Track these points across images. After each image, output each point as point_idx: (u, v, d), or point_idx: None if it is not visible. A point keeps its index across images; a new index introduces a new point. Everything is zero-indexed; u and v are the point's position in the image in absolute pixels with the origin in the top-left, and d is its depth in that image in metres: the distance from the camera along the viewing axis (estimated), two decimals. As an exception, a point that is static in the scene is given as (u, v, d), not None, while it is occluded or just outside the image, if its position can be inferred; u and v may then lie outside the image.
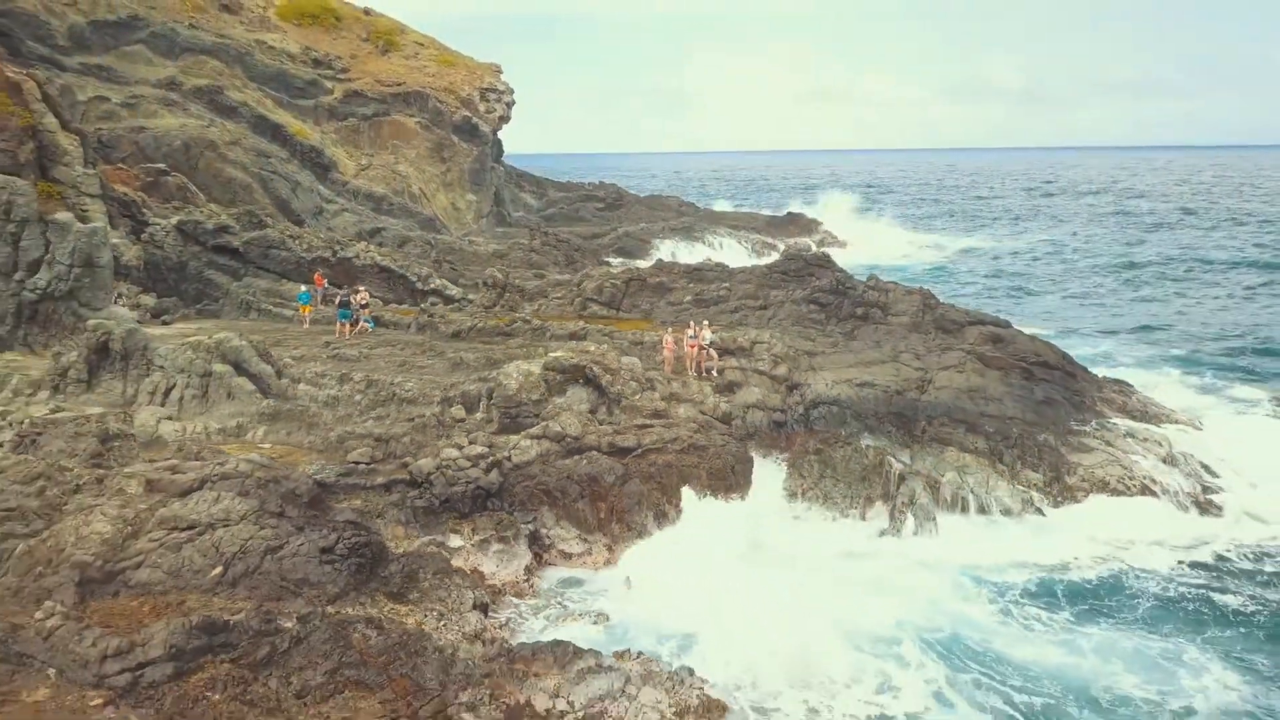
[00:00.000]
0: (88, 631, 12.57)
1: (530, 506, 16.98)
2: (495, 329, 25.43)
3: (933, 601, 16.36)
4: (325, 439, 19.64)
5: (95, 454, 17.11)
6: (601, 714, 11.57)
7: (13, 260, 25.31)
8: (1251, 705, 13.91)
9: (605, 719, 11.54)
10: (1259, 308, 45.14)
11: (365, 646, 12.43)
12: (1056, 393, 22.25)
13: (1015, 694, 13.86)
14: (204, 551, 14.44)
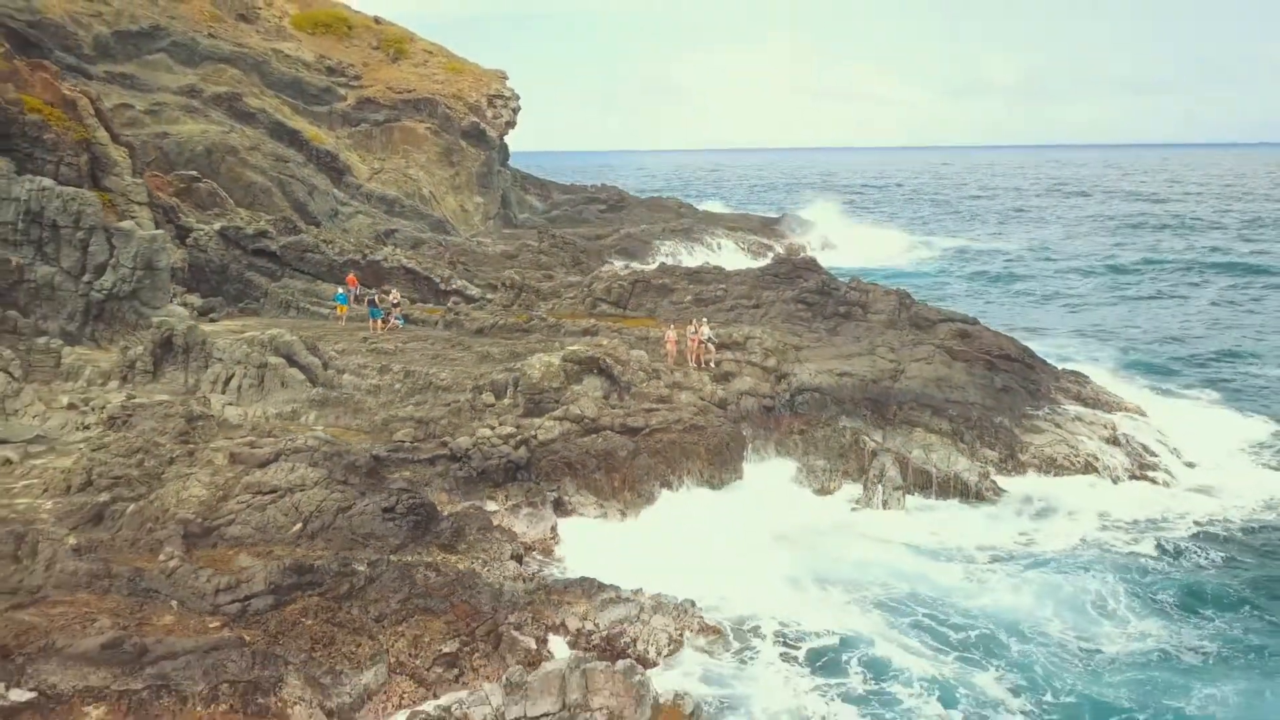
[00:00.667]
0: (201, 571, 15.43)
1: (554, 477, 19.83)
2: (515, 326, 28.30)
3: (897, 560, 19.22)
4: (371, 422, 22.48)
5: (183, 432, 19.93)
6: (621, 634, 14.43)
7: (81, 264, 28.12)
8: (1157, 643, 16.70)
9: (624, 638, 14.39)
10: (1222, 312, 47.84)
11: (428, 583, 15.30)
12: (1014, 382, 25.13)
13: (953, 632, 16.69)
14: (285, 511, 17.29)
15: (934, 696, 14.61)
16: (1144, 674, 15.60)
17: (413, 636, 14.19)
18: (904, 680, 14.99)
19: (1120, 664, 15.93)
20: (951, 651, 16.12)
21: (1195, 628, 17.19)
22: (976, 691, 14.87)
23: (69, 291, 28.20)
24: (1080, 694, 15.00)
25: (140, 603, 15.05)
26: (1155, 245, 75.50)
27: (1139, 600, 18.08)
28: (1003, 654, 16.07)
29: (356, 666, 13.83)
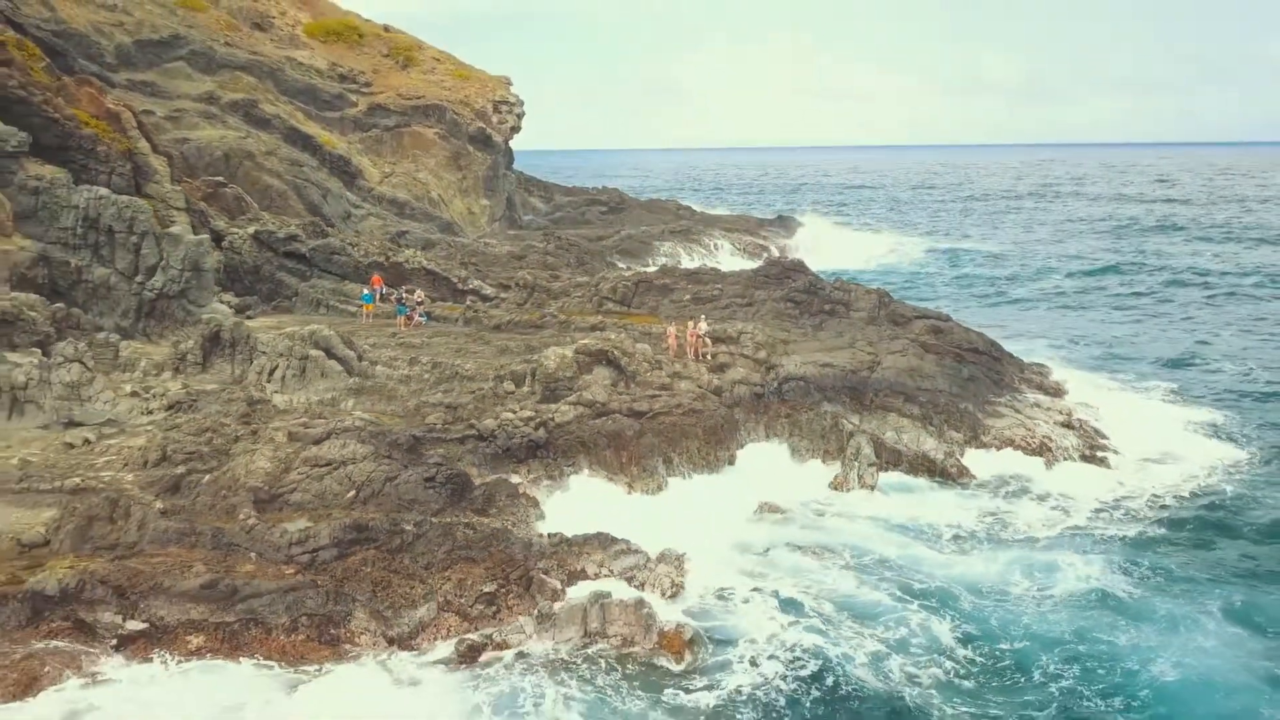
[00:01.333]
0: (276, 528, 18.20)
1: (570, 454, 22.59)
2: (529, 322, 31.09)
3: (871, 528, 21.99)
4: (404, 407, 25.21)
5: (244, 414, 22.71)
6: (631, 578, 17.21)
7: (134, 265, 30.84)
8: (1100, 589, 19.44)
9: (634, 582, 17.16)
10: (1186, 314, 50.26)
11: (467, 538, 18.07)
12: (980, 372, 27.92)
13: (916, 584, 19.44)
14: (340, 481, 20.05)
15: (899, 631, 17.37)
16: (1084, 617, 18.32)
17: (457, 580, 16.97)
18: (873, 620, 17.76)
19: (1064, 609, 18.63)
20: (914, 600, 18.84)
21: (1131, 580, 19.91)
22: (933, 630, 17.60)
23: (123, 291, 30.95)
24: (1028, 630, 17.71)
25: (224, 554, 17.82)
26: (1137, 248, 78.27)
27: (1081, 558, 20.81)
28: (959, 605, 18.73)
29: (411, 604, 16.63)
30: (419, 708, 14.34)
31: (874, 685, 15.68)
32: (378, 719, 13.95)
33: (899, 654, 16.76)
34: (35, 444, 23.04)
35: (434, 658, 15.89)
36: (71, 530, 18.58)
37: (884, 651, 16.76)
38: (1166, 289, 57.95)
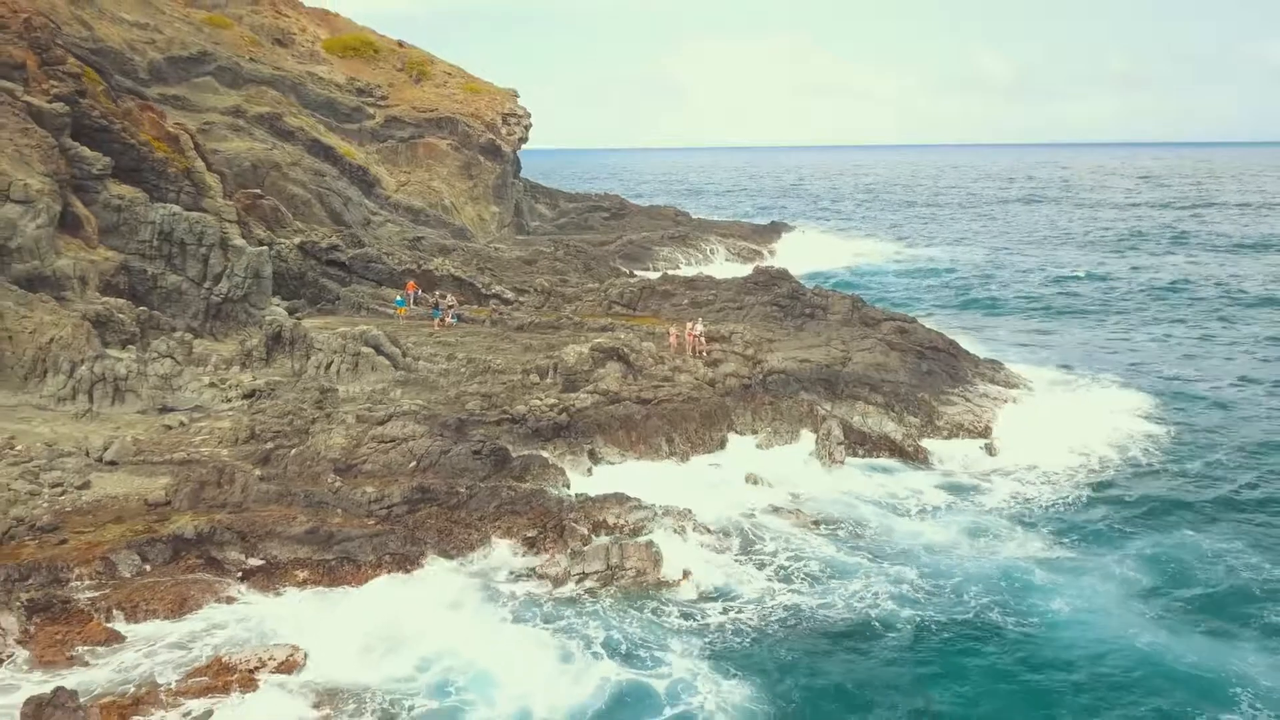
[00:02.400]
0: (356, 490, 22.68)
1: (588, 435, 27.07)
2: (548, 323, 35.57)
3: (841, 498, 26.45)
4: (446, 396, 29.68)
5: (317, 401, 27.18)
6: (642, 528, 21.69)
7: (203, 273, 35.28)
8: (1028, 546, 23.86)
9: (644, 530, 21.63)
10: (1152, 325, 53.99)
11: (511, 497, 22.57)
12: (938, 367, 32.44)
13: (888, 547, 23.89)
14: (403, 454, 24.53)
15: (868, 579, 21.77)
16: (1011, 566, 22.71)
17: (505, 527, 21.49)
18: (842, 569, 22.20)
19: (998, 562, 22.96)
20: (884, 560, 23.16)
21: (1053, 538, 24.27)
22: (900, 579, 21.94)
23: (193, 295, 35.36)
24: (968, 577, 22.05)
25: (316, 511, 22.29)
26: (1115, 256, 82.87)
27: (1018, 523, 25.26)
28: (919, 561, 22.99)
29: (470, 546, 21.12)
30: (488, 616, 18.89)
31: (842, 614, 20.08)
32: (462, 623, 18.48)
33: (864, 590, 21.12)
34: (139, 426, 27.50)
35: (492, 586, 20.34)
36: (187, 492, 23.04)
37: (854, 590, 21.14)
38: (1139, 296, 61.92)
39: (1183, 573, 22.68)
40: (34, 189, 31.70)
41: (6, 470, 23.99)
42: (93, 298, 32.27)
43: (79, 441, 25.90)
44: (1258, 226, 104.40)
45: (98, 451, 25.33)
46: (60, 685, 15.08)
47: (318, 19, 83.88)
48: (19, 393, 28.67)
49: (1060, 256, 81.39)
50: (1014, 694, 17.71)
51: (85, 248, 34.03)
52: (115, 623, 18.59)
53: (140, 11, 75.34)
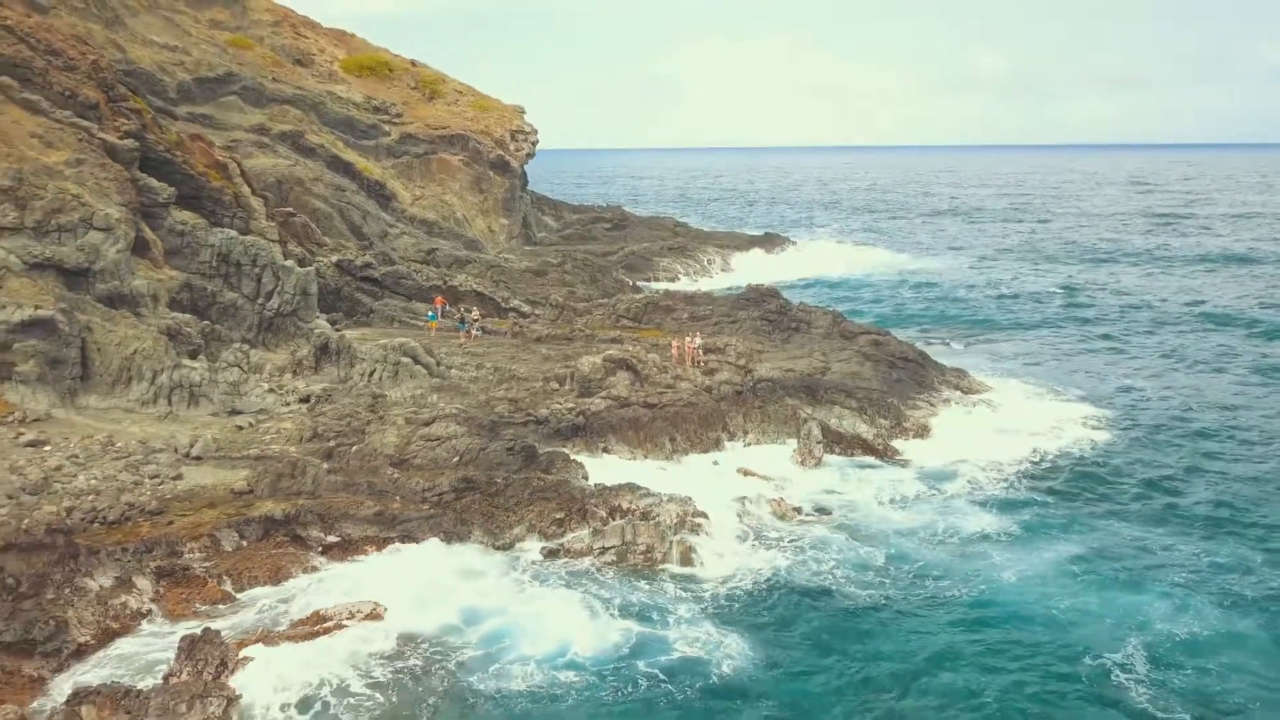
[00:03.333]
0: (411, 480, 27.11)
1: (602, 434, 31.53)
2: (563, 335, 40.04)
3: (818, 486, 30.87)
4: (477, 401, 34.08)
5: (370, 405, 31.60)
6: (649, 513, 26.12)
7: (256, 290, 39.66)
8: (985, 527, 28.22)
9: (651, 515, 26.05)
10: (1121, 339, 57.78)
11: (540, 486, 27.02)
12: (907, 376, 36.91)
13: (865, 528, 28.31)
14: (447, 451, 28.95)
15: (843, 553, 26.20)
16: (969, 545, 27.07)
17: (537, 511, 25.94)
18: (823, 545, 26.61)
19: (958, 542, 27.30)
20: (857, 539, 27.56)
21: (1008, 521, 28.54)
22: (871, 554, 26.36)
23: (247, 310, 39.72)
24: (932, 554, 26.40)
25: (379, 497, 26.72)
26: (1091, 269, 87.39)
27: (976, 508, 29.68)
28: (887, 539, 27.37)
29: (509, 526, 25.57)
30: (525, 582, 23.34)
31: (821, 581, 24.51)
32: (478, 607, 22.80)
33: (840, 562, 25.58)
34: (213, 427, 31.91)
35: (523, 562, 24.79)
36: (266, 483, 27.44)
37: (831, 564, 25.57)
38: (1107, 310, 65.50)
39: (1105, 549, 27.09)
40: (113, 218, 36.05)
41: (112, 464, 28.39)
42: (163, 313, 36.63)
43: (167, 439, 30.29)
44: (1234, 240, 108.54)
45: (185, 448, 29.71)
46: (207, 626, 19.51)
47: (335, 39, 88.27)
48: (108, 397, 33.07)
49: (1037, 269, 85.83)
50: (962, 642, 22.02)
51: (153, 268, 38.39)
52: (225, 586, 23.03)
53: (169, 34, 79.78)
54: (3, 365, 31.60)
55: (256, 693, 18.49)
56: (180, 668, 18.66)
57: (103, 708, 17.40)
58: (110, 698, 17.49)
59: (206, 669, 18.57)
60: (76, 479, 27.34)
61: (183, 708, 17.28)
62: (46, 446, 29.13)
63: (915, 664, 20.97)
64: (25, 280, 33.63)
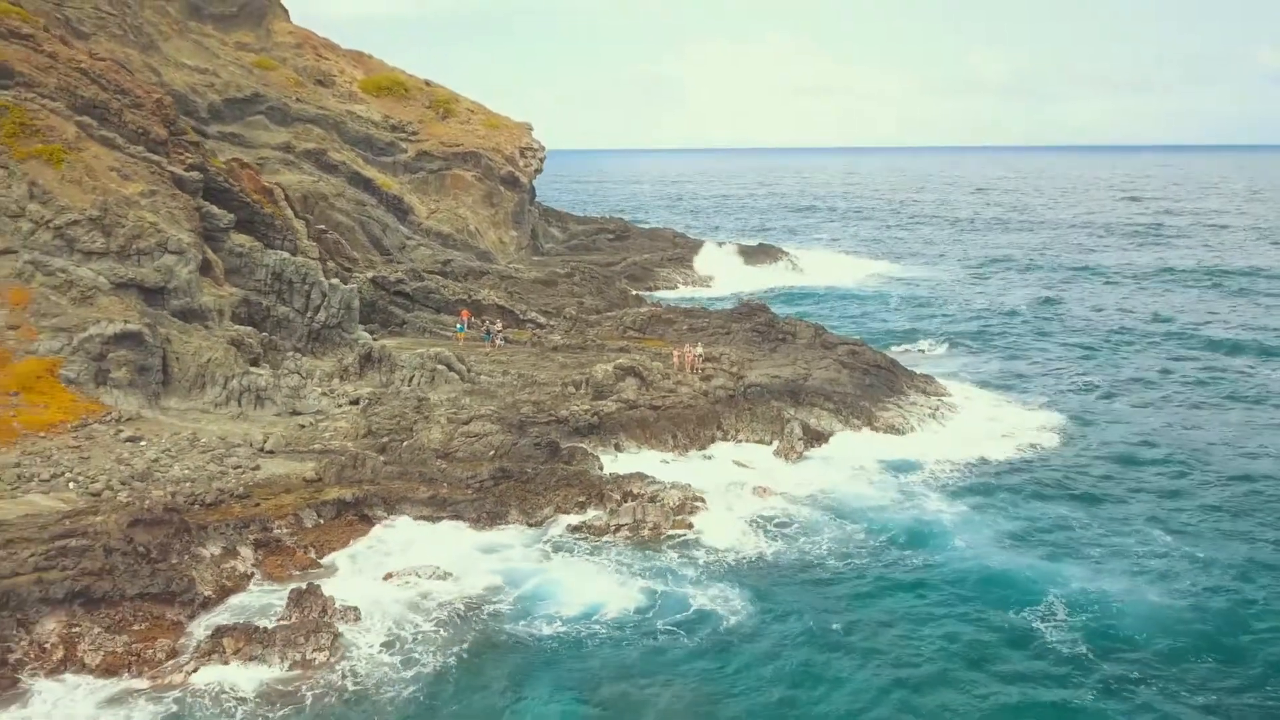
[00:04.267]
0: (454, 469, 32.35)
1: (614, 432, 36.76)
2: (577, 345, 45.30)
3: (799, 478, 36.10)
4: (505, 403, 39.29)
5: (416, 406, 36.83)
6: (656, 496, 31.36)
7: (305, 305, 44.85)
8: (938, 507, 33.49)
9: (658, 499, 31.28)
10: (1088, 349, 62.77)
11: (564, 475, 32.29)
12: (879, 381, 42.17)
13: (842, 506, 33.54)
14: (485, 445, 34.17)
15: (820, 528, 31.42)
16: (923, 521, 32.24)
17: (562, 495, 31.19)
18: (801, 520, 31.85)
19: (913, 518, 32.47)
20: (832, 515, 32.78)
21: (957, 502, 33.80)
22: (844, 527, 31.58)
23: (297, 323, 44.90)
24: (893, 526, 31.59)
25: (430, 484, 31.95)
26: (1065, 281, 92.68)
27: (932, 491, 34.90)
28: (857, 515, 32.60)
29: (539, 507, 30.84)
30: (555, 552, 28.63)
31: (802, 547, 29.74)
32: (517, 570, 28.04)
33: (818, 534, 30.78)
34: (279, 425, 37.09)
35: (552, 536, 30.04)
36: (333, 472, 32.65)
37: (809, 537, 30.82)
38: (1077, 324, 69.78)
39: (1036, 528, 32.28)
40: (184, 242, 41.26)
41: (199, 456, 33.59)
42: (228, 326, 41.85)
43: (242, 436, 35.51)
44: (1213, 253, 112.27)
45: (259, 443, 34.92)
46: (311, 581, 24.76)
47: (353, 60, 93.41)
48: (186, 400, 38.29)
49: (1018, 280, 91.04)
50: (915, 596, 27.16)
51: (216, 286, 43.60)
52: (310, 554, 28.27)
53: (199, 57, 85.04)
54: (99, 372, 36.80)
55: (351, 633, 23.72)
56: (290, 613, 23.90)
57: (239, 640, 22.65)
58: (244, 632, 22.74)
59: (311, 613, 23.81)
60: (172, 469, 32.53)
61: (300, 639, 22.53)
62: (143, 442, 34.33)
63: (878, 613, 26.20)
64: (113, 298, 38.88)
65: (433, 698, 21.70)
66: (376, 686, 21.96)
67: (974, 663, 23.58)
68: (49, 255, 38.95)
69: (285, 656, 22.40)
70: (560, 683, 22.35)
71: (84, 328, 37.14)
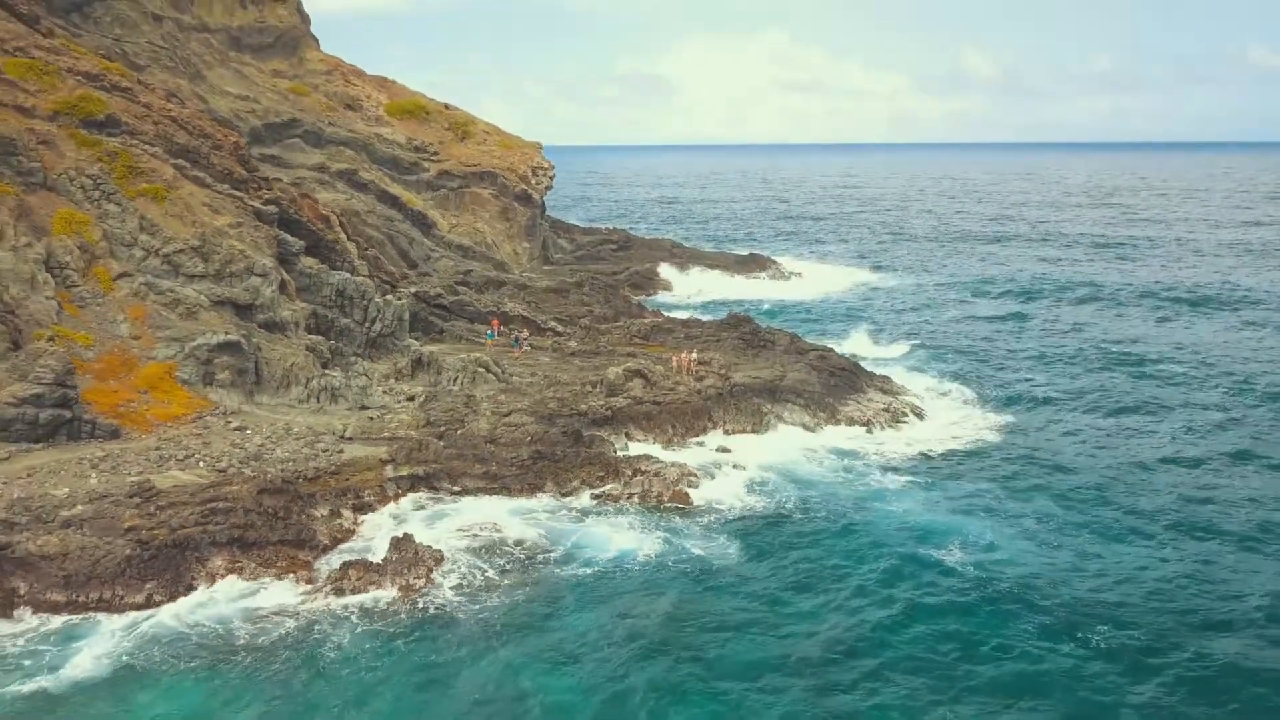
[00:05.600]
0: (501, 452, 41.03)
1: (624, 423, 45.44)
2: (591, 350, 53.97)
3: (776, 458, 44.78)
4: (534, 400, 47.91)
5: (465, 401, 45.50)
6: (660, 473, 40.04)
7: (363, 317, 53.38)
8: (886, 481, 42.22)
9: (661, 474, 39.95)
10: (1039, 353, 72.65)
11: (586, 455, 41.00)
12: (842, 382, 50.89)
13: (803, 478, 42.28)
14: (523, 434, 42.82)
15: (787, 493, 40.11)
16: (876, 494, 40.95)
17: (586, 472, 39.91)
18: (776, 490, 40.55)
19: (868, 490, 41.09)
20: (798, 486, 41.50)
21: (905, 479, 42.48)
22: (806, 494, 40.31)
23: (357, 333, 53.44)
24: (847, 498, 40.41)
25: (483, 463, 40.58)
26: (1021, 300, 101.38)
27: (881, 471, 43.57)
28: (817, 485, 41.35)
29: (568, 481, 39.56)
30: (585, 515, 37.35)
31: (774, 509, 38.40)
32: (557, 529, 36.70)
33: (785, 499, 39.45)
34: (353, 418, 45.68)
35: (579, 503, 38.73)
36: (403, 454, 41.27)
37: (780, 501, 39.46)
38: (1035, 335, 78.74)
39: (955, 496, 40.87)
40: (267, 266, 49.82)
41: (294, 442, 42.17)
42: (303, 335, 50.45)
43: (325, 426, 44.11)
44: (1178, 270, 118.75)
45: (339, 432, 43.51)
46: (406, 531, 33.46)
47: (378, 85, 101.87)
48: (275, 397, 46.87)
49: (985, 287, 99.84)
50: (854, 539, 35.87)
51: (290, 301, 52.16)
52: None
53: (240, 85, 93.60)
54: (206, 374, 45.40)
55: (435, 571, 32.39)
56: (393, 554, 32.56)
57: (359, 571, 31.32)
58: (363, 565, 31.43)
59: (407, 554, 32.47)
60: (276, 451, 41.12)
61: (405, 569, 31.21)
62: (248, 430, 42.94)
63: (821, 551, 34.95)
64: (212, 313, 47.49)
65: (503, 616, 30.28)
66: (457, 607, 30.62)
67: (888, 581, 32.38)
68: (159, 278, 47.56)
69: (393, 583, 31.07)
70: (603, 605, 30.96)
71: (193, 338, 45.74)
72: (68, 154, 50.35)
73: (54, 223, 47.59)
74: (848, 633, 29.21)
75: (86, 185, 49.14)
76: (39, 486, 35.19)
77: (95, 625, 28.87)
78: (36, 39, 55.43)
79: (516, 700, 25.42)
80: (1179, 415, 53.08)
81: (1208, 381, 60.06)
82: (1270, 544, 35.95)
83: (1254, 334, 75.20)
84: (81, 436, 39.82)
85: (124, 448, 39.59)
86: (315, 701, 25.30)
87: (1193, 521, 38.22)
